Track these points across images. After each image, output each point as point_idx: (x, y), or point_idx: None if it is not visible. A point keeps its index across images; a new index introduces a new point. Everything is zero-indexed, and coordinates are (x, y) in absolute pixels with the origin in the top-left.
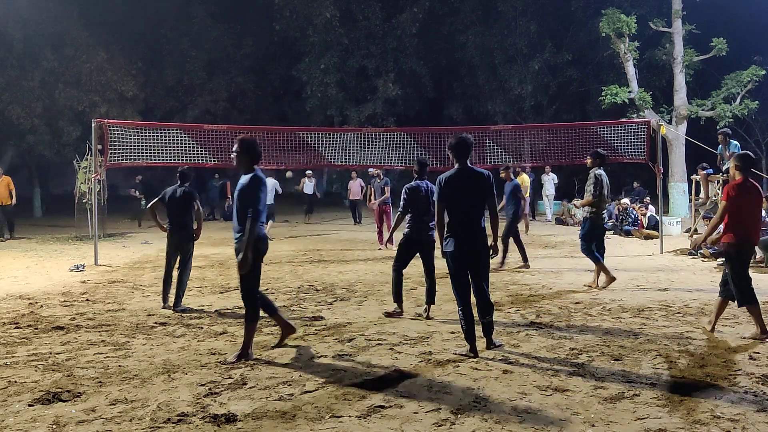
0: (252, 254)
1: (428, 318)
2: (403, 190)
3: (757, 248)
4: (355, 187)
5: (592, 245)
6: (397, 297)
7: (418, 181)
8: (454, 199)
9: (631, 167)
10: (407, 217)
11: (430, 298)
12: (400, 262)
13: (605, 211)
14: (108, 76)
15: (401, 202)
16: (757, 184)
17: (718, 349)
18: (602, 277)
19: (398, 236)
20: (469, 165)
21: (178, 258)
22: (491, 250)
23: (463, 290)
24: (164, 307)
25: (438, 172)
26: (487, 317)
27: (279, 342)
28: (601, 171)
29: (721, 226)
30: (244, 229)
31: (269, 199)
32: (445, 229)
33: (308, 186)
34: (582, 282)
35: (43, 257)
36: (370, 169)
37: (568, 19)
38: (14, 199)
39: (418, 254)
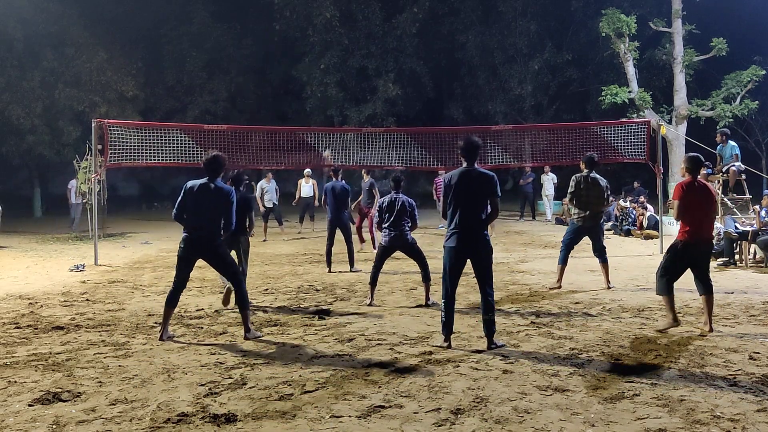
0: None
1: (428, 305)
2: (380, 202)
3: (756, 248)
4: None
5: (567, 246)
6: (372, 281)
7: (394, 194)
8: (459, 197)
9: (631, 167)
10: (385, 226)
11: (426, 277)
12: (379, 263)
13: (585, 213)
14: (108, 76)
15: (376, 213)
16: (706, 184)
17: (718, 349)
18: (555, 278)
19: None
20: (475, 166)
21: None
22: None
23: (451, 285)
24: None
25: (435, 172)
26: (489, 314)
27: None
28: (582, 174)
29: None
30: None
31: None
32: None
33: (306, 188)
34: (581, 282)
35: (43, 257)
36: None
37: (568, 19)
38: None
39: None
